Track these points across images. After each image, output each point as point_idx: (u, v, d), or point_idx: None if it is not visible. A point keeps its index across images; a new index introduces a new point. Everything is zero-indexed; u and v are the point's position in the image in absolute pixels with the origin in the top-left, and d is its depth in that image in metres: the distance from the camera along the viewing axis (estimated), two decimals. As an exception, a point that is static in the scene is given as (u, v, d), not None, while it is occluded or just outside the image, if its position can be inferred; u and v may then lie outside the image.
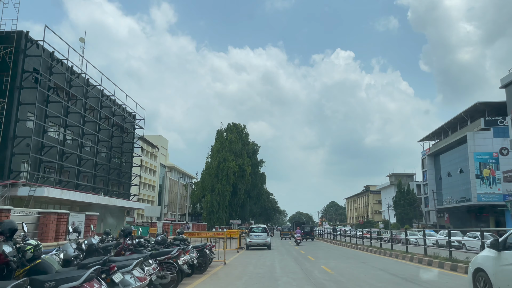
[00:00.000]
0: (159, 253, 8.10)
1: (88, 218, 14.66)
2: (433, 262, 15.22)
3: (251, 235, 24.75)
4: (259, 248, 24.91)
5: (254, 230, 25.22)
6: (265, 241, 24.56)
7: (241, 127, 60.37)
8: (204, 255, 11.90)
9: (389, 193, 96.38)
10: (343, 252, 23.82)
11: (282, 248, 28.34)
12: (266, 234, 24.88)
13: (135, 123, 45.66)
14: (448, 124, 71.88)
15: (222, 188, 52.16)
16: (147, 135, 74.53)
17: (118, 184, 42.21)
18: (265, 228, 25.67)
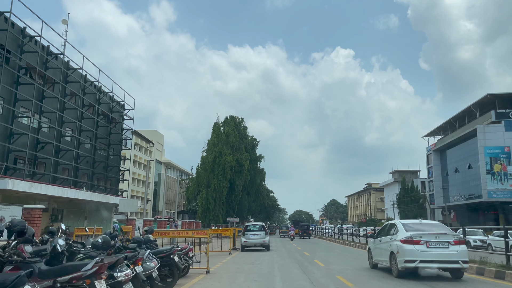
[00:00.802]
0: (60, 271, 4.44)
1: (29, 213, 11.06)
2: (475, 269, 11.62)
3: (247, 234, 21.19)
4: (256, 249, 21.46)
5: (250, 229, 21.67)
6: (262, 241, 21.08)
7: (239, 120, 56.77)
8: (172, 264, 8.32)
9: (392, 190, 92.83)
10: (354, 254, 20.27)
11: (282, 248, 24.79)
12: (264, 233, 21.36)
13: (123, 113, 42.05)
14: (455, 117, 68.31)
15: (218, 184, 48.57)
16: (142, 130, 71.09)
17: (105, 179, 38.64)
18: (263, 226, 22.04)
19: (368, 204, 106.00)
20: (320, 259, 16.65)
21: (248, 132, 58.27)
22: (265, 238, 21.02)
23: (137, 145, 65.44)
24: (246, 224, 23.07)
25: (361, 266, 13.97)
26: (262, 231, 21.42)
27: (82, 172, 34.60)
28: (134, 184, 64.15)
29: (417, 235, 10.39)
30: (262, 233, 21.19)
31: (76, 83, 32.69)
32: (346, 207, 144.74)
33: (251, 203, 62.43)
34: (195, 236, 11.77)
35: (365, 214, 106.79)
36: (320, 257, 17.81)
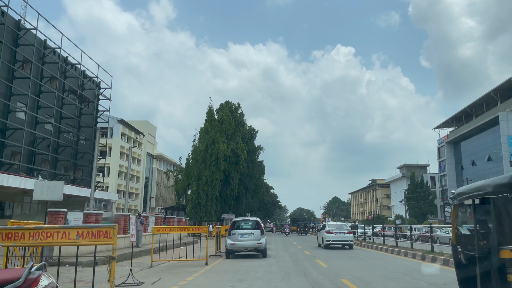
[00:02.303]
0: None
1: None
2: None
3: (235, 233, 14.77)
4: (247, 254, 15.18)
5: (240, 226, 15.27)
6: (257, 243, 14.75)
7: (235, 106, 50.26)
8: None
9: (400, 186, 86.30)
10: (378, 262, 13.92)
11: (284, 253, 18.41)
12: (259, 232, 14.98)
13: (98, 91, 35.59)
14: (471, 106, 61.71)
15: (211, 176, 42.10)
16: (132, 121, 64.76)
17: (73, 168, 32.19)
18: (258, 222, 15.52)
19: (373, 201, 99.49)
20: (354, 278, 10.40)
21: (245, 120, 51.79)
22: (260, 239, 14.70)
23: (124, 136, 59.03)
24: (233, 220, 16.14)
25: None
26: (257, 229, 14.92)
27: (41, 158, 28.15)
28: (121, 178, 57.77)
29: (332, 229, 22.24)
30: (256, 233, 14.80)
31: (29, 47, 26.24)
32: (349, 204, 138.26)
33: (249, 199, 55.83)
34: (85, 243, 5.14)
35: (369, 211, 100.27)
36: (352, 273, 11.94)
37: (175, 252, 15.20)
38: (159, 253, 16.17)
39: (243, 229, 15.11)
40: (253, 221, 15.48)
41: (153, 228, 12.26)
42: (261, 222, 16.18)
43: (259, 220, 15.44)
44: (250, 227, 15.25)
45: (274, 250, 20.31)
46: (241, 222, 15.58)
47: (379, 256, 16.82)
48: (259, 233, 14.82)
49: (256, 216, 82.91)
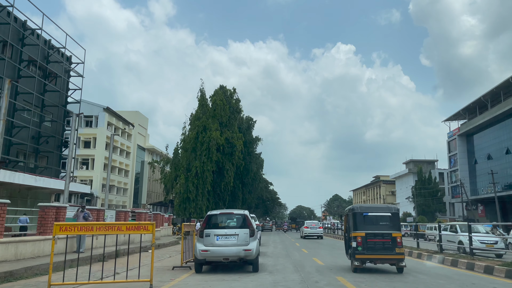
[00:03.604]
0: None
1: None
2: None
3: (209, 234, 9.57)
4: (229, 265, 9.89)
5: (218, 223, 10.02)
6: (243, 250, 9.47)
7: (230, 91, 44.89)
8: None
9: (406, 183, 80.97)
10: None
11: (286, 261, 13.20)
12: (247, 232, 9.74)
13: (68, 66, 30.24)
14: (486, 95, 56.32)
15: (202, 167, 36.77)
16: (121, 111, 59.39)
17: (35, 154, 26.86)
18: (245, 218, 10.05)
19: (378, 198, 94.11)
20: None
21: (241, 107, 46.41)
22: (248, 244, 9.55)
23: (111, 125, 53.71)
24: (208, 214, 10.28)
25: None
26: (243, 228, 9.72)
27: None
28: (107, 171, 52.37)
29: (308, 225, 35.35)
30: (243, 234, 9.62)
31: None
32: (350, 202, 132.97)
33: (246, 195, 50.40)
34: None
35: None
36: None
37: (118, 263, 9.90)
38: (90, 265, 10.86)
39: (223, 227, 9.79)
40: (238, 216, 9.94)
41: (54, 225, 6.99)
42: (251, 217, 10.77)
43: (247, 214, 10.09)
44: (234, 224, 9.94)
45: (272, 256, 15.06)
46: (220, 216, 10.05)
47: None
48: (247, 234, 9.51)
49: (253, 213, 78.05)
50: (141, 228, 7.28)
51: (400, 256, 10.17)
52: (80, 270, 8.94)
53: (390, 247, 10.12)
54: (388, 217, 10.60)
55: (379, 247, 10.16)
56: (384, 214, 10.68)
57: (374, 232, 10.26)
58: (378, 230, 10.31)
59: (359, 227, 10.35)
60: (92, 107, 52.10)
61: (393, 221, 10.56)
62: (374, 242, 10.21)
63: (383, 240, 10.22)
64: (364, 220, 10.47)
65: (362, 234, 10.23)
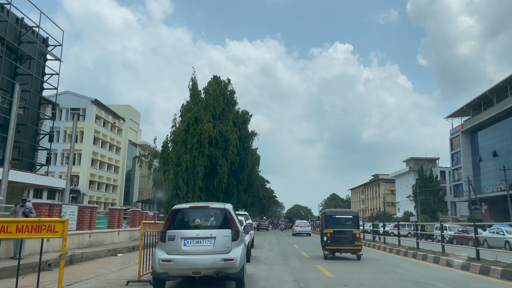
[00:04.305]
0: None
1: None
2: None
3: (174, 237, 6.52)
4: (201, 280, 7.18)
5: (188, 221, 7.02)
6: (221, 260, 6.40)
7: (224, 82, 41.94)
8: None
9: (407, 181, 78.29)
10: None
11: (284, 272, 10.47)
12: (228, 234, 6.65)
13: (46, 50, 27.28)
14: (492, 90, 53.73)
15: (192, 161, 33.78)
16: (111, 105, 56.38)
17: (3, 144, 23.89)
18: (226, 214, 6.87)
19: (376, 197, 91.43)
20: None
21: (236, 99, 43.47)
22: (230, 250, 6.54)
23: (100, 119, 50.75)
24: (174, 208, 7.15)
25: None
26: (223, 228, 6.72)
27: None
28: (95, 167, 49.50)
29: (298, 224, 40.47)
30: (222, 236, 6.63)
31: None
32: (348, 201, 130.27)
33: (242, 192, 47.36)
34: None
35: (372, 208, 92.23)
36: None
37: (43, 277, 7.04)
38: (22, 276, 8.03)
39: (195, 227, 6.97)
40: (216, 211, 7.15)
41: None
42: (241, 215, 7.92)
43: (230, 209, 7.24)
44: (210, 223, 7.12)
45: (265, 263, 12.23)
46: (190, 212, 7.21)
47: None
48: (228, 237, 6.63)
49: (250, 213, 75.66)
50: (42, 229, 4.35)
51: (358, 247, 13.38)
52: None
53: (351, 241, 13.32)
54: (350, 218, 13.88)
55: (343, 241, 13.40)
56: (348, 216, 14.00)
57: (340, 229, 13.51)
58: (343, 228, 13.58)
59: (329, 226, 13.65)
60: (80, 99, 49.15)
61: (354, 222, 13.84)
62: (340, 237, 13.42)
63: (346, 235, 13.43)
64: (333, 220, 13.77)
65: (331, 231, 13.53)
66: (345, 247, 13.38)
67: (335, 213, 14.25)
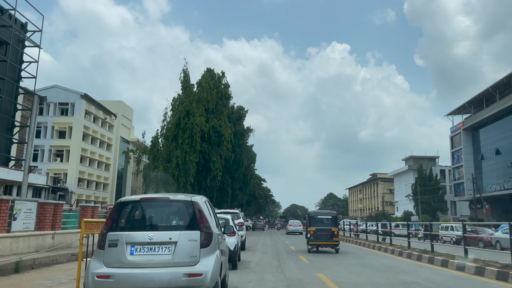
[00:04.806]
0: None
1: None
2: None
3: (116, 243, 4.54)
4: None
5: (140, 219, 5.04)
6: (183, 275, 4.43)
7: (219, 75, 39.93)
8: None
9: (406, 180, 76.44)
10: None
11: (278, 283, 8.50)
12: (196, 237, 4.66)
13: (25, 36, 25.13)
14: (494, 86, 51.90)
15: (183, 157, 31.81)
16: (102, 100, 54.17)
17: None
18: (193, 210, 4.83)
19: (374, 197, 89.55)
20: None
21: (231, 93, 41.45)
22: (195, 261, 4.54)
23: (90, 114, 48.57)
24: (119, 202, 5.02)
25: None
26: (188, 229, 4.74)
27: None
28: (84, 164, 47.33)
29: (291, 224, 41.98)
30: (186, 240, 4.61)
31: None
32: (346, 201, 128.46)
33: (237, 191, 45.47)
34: None
35: (370, 207, 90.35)
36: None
37: None
38: None
39: (148, 227, 4.97)
40: (179, 206, 5.04)
41: None
42: (209, 209, 5.65)
43: (199, 203, 4.99)
44: (169, 222, 5.14)
45: (256, 270, 10.16)
46: (142, 206, 5.07)
47: None
48: (195, 243, 4.63)
49: (246, 212, 73.85)
50: None
51: (336, 242, 15.47)
52: None
53: (330, 237, 15.37)
54: (330, 218, 16.03)
55: (323, 237, 15.44)
56: (327, 216, 16.23)
57: (321, 227, 15.58)
58: (323, 227, 15.62)
59: (312, 225, 15.80)
60: (68, 93, 46.99)
61: (333, 221, 15.94)
62: (321, 234, 15.48)
63: (326, 233, 15.46)
64: (315, 220, 15.93)
65: (313, 229, 15.64)
66: (325, 242, 15.61)
67: (317, 214, 16.94)
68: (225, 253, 6.18)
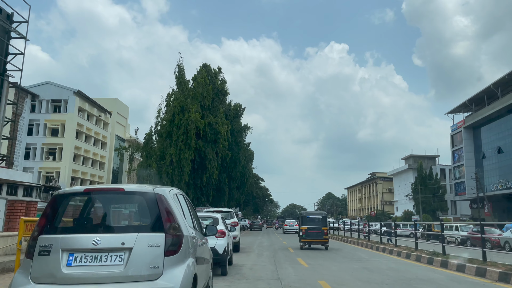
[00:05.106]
0: None
1: None
2: None
3: (50, 248, 3.29)
4: None
5: (82, 217, 3.77)
6: None
7: (215, 71, 38.72)
8: None
9: (405, 179, 75.29)
10: None
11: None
12: (159, 241, 3.41)
13: (10, 27, 23.75)
14: (496, 84, 50.78)
15: (177, 155, 30.55)
16: (97, 98, 52.84)
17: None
18: (156, 206, 3.55)
19: (373, 196, 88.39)
20: None
21: (227, 89, 40.24)
22: (157, 274, 3.32)
23: (83, 112, 47.24)
24: (57, 194, 3.70)
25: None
26: (149, 232, 3.48)
27: None
28: (78, 162, 46.02)
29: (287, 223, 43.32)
30: (144, 246, 3.36)
31: None
32: (344, 200, 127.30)
33: (234, 190, 44.26)
34: None
35: (369, 207, 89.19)
36: None
37: None
38: None
39: (94, 229, 3.70)
40: (138, 199, 3.78)
41: None
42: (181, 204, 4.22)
43: (168, 196, 3.71)
44: (124, 221, 3.94)
45: (248, 276, 8.95)
46: (87, 200, 3.91)
47: None
48: (156, 248, 3.38)
49: (244, 212, 73.05)
50: None
51: (326, 240, 17.26)
52: None
53: (320, 235, 17.18)
54: (320, 218, 17.82)
55: (314, 235, 17.32)
56: (318, 216, 18.07)
57: (312, 226, 17.42)
58: (314, 226, 17.46)
59: (304, 224, 17.65)
60: (61, 90, 45.68)
61: (323, 221, 17.74)
62: (312, 232, 17.33)
63: (316, 231, 17.30)
64: (307, 220, 17.75)
65: (305, 227, 17.48)
66: (315, 240, 17.26)
67: (308, 214, 18.81)
68: (206, 260, 4.93)
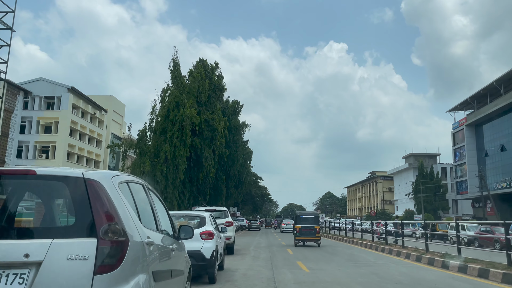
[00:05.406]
0: None
1: None
2: None
3: None
4: None
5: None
6: None
7: (212, 66, 37.48)
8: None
9: (406, 178, 74.15)
10: None
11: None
12: (90, 252, 2.16)
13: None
14: (499, 80, 49.67)
15: (172, 152, 29.32)
16: (92, 95, 51.61)
17: None
18: (87, 196, 2.28)
19: (373, 195, 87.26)
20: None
21: (225, 85, 39.02)
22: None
23: (78, 109, 46.02)
24: None
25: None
26: (73, 237, 2.20)
27: None
28: (72, 160, 44.81)
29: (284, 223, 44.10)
30: (64, 260, 2.11)
31: None
32: (344, 200, 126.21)
33: (232, 189, 43.05)
34: None
35: (369, 206, 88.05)
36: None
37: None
38: None
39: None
40: (58, 186, 2.40)
41: None
42: (148, 196, 3.01)
43: (105, 185, 2.36)
44: (28, 222, 2.69)
45: (241, 283, 7.78)
46: None
47: None
48: (82, 261, 2.11)
49: (243, 212, 72.01)
50: None
51: (318, 238, 19.15)
52: None
53: (313, 233, 18.87)
54: (313, 218, 19.88)
55: (307, 233, 19.01)
56: (311, 216, 20.22)
57: (305, 225, 19.12)
58: (307, 224, 19.15)
59: (298, 223, 19.54)
60: (55, 87, 44.45)
61: (315, 220, 19.69)
62: (305, 230, 18.99)
63: (309, 230, 18.96)
64: (301, 219, 19.58)
65: (299, 226, 19.24)
66: (308, 238, 18.85)
67: (302, 214, 20.75)
68: (177, 273, 3.68)
